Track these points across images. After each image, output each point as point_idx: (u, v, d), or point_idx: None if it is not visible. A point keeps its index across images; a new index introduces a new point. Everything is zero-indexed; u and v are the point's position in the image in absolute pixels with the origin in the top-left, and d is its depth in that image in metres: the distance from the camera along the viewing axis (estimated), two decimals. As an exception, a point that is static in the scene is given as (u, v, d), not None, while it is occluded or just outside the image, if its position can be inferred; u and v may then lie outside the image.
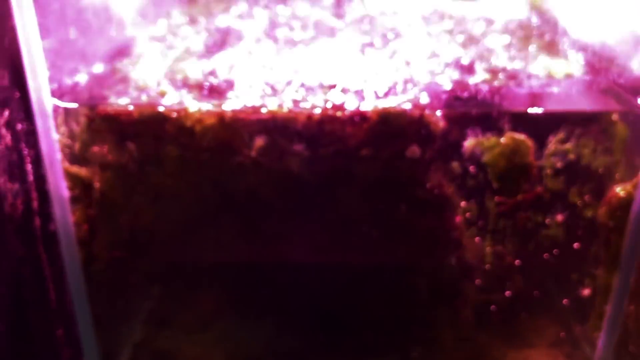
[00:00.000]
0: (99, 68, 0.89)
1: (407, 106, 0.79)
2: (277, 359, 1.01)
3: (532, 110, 0.78)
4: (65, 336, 1.12)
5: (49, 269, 1.05)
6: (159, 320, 1.08)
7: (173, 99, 0.81)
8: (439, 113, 0.79)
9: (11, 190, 0.92)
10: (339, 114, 0.79)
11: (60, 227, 0.86)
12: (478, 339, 1.00)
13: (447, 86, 0.81)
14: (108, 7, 0.95)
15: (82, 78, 0.86)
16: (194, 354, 1.03)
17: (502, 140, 0.80)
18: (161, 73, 0.88)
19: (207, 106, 0.79)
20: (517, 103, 0.79)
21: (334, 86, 0.82)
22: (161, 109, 0.79)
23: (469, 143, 0.80)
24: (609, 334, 0.92)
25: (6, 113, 0.92)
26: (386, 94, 0.81)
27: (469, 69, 0.85)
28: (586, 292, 0.91)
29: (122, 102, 0.81)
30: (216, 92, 0.84)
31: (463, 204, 0.84)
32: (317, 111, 0.79)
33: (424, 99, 0.80)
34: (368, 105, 0.79)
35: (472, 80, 0.86)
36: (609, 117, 0.84)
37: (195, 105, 0.80)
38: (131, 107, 0.80)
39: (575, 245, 0.87)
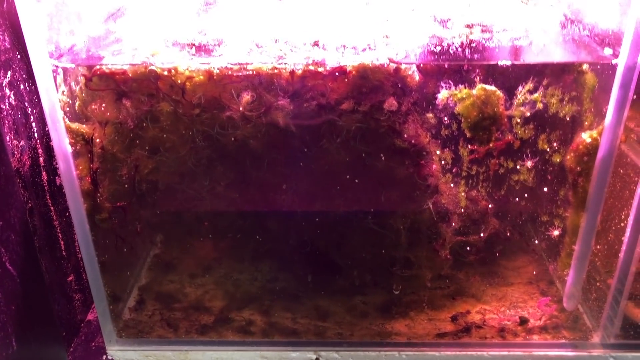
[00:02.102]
0: (94, 30, 0.94)
1: (384, 61, 0.83)
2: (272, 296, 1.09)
3: (502, 62, 0.83)
4: (75, 282, 1.21)
5: (57, 220, 1.12)
6: (161, 265, 1.16)
7: (164, 58, 0.86)
8: (414, 67, 0.84)
9: (18, 146, 0.98)
10: (320, 69, 0.84)
11: (66, 180, 0.93)
12: (457, 277, 1.07)
13: (423, 41, 0.86)
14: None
15: (78, 39, 0.91)
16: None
17: (474, 92, 0.85)
18: (153, 33, 0.93)
19: (195, 64, 0.85)
20: (489, 56, 0.84)
21: (316, 43, 0.87)
22: (153, 67, 0.84)
23: (442, 95, 0.85)
24: (577, 272, 0.99)
25: (9, 74, 0.98)
26: (364, 50, 0.86)
27: (445, 24, 0.89)
28: (556, 232, 0.98)
29: (117, 61, 0.86)
30: (205, 50, 0.89)
31: (438, 152, 0.90)
32: (300, 67, 0.84)
33: (401, 54, 0.85)
34: (348, 61, 0.84)
35: (449, 34, 0.90)
36: (579, 67, 0.89)
37: (185, 63, 0.85)
38: (126, 67, 0.85)
39: (545, 188, 0.93)
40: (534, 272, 1.13)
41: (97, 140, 0.91)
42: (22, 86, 0.99)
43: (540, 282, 1.14)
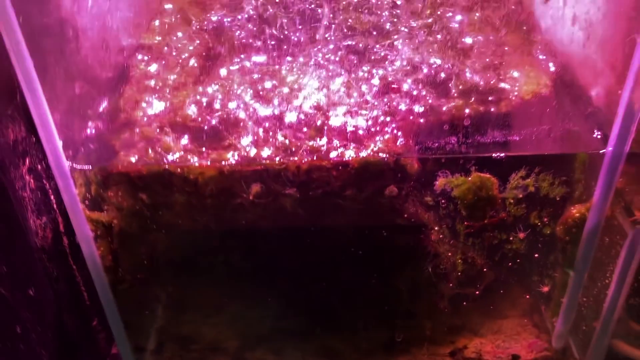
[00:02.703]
0: (105, 121, 0.98)
1: (385, 154, 0.88)
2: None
3: (496, 154, 0.88)
4: (99, 324, 1.29)
5: (79, 275, 1.19)
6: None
7: (176, 152, 0.91)
8: (412, 159, 0.89)
9: (40, 225, 1.04)
10: (324, 163, 0.89)
11: (88, 259, 0.99)
12: (455, 323, 1.16)
13: (421, 134, 0.91)
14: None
15: (91, 136, 0.95)
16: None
17: (470, 178, 0.90)
18: (163, 120, 0.97)
19: (207, 161, 0.89)
20: (483, 150, 0.88)
21: (321, 135, 0.91)
22: (167, 167, 0.89)
23: (440, 182, 0.91)
24: (565, 320, 1.08)
25: (27, 160, 1.02)
26: (366, 138, 0.91)
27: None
28: (546, 288, 1.05)
29: (131, 160, 0.91)
30: (213, 137, 0.94)
31: (437, 227, 0.96)
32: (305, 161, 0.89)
33: (400, 143, 0.90)
34: (351, 153, 0.89)
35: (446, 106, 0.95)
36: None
37: (196, 161, 0.90)
38: (140, 163, 0.90)
39: (537, 254, 1.00)
40: (524, 320, 1.21)
41: (115, 223, 0.97)
42: (39, 166, 1.03)
43: (532, 328, 1.22)
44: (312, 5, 1.32)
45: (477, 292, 1.05)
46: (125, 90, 1.07)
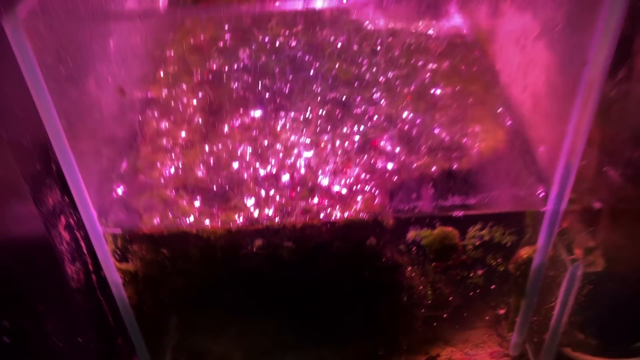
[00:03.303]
0: (127, 183, 1.15)
1: (366, 213, 1.07)
2: None
3: (456, 213, 1.07)
4: (123, 342, 1.48)
5: (106, 304, 1.38)
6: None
7: (191, 215, 1.09)
8: (388, 216, 1.08)
9: (75, 271, 1.21)
10: (315, 222, 1.07)
11: (118, 300, 1.18)
12: (429, 337, 1.36)
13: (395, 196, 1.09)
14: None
15: (117, 199, 1.13)
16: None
17: (435, 231, 1.09)
18: (177, 182, 1.14)
19: (218, 223, 1.08)
20: (445, 210, 1.07)
21: (313, 197, 1.09)
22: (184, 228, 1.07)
23: (410, 234, 1.09)
24: (519, 334, 1.29)
25: (62, 218, 1.19)
26: (349, 197, 1.09)
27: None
28: (502, 311, 1.26)
29: (155, 223, 1.08)
30: (221, 197, 1.12)
31: (410, 267, 1.15)
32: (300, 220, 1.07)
33: (377, 202, 1.08)
34: (336, 213, 1.07)
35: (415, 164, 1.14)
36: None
37: (208, 221, 1.08)
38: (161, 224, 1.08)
39: (494, 285, 1.20)
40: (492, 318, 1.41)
41: (140, 271, 1.15)
42: (71, 220, 1.20)
43: (497, 326, 1.42)
44: (300, 53, 1.49)
45: (445, 315, 1.25)
46: (141, 149, 1.24)
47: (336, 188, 1.12)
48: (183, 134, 1.27)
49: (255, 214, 1.09)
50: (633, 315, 1.28)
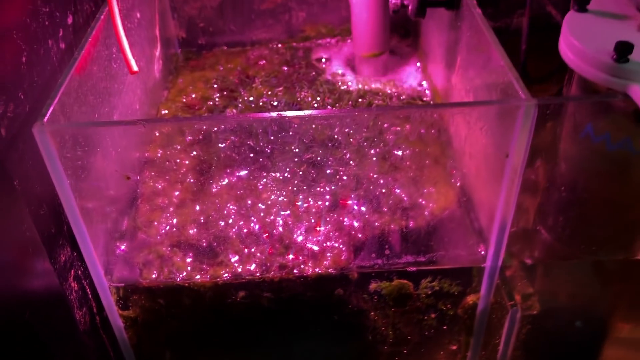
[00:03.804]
0: (129, 241, 1.33)
1: (333, 269, 1.26)
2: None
3: (410, 269, 1.26)
4: (121, 374, 1.66)
5: (106, 336, 1.55)
6: None
7: (184, 272, 1.27)
8: (353, 271, 1.27)
9: (83, 315, 1.38)
10: (291, 276, 1.26)
11: (120, 340, 1.36)
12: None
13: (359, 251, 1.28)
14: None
15: (120, 255, 1.31)
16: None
17: (393, 283, 1.28)
18: (172, 239, 1.33)
19: (206, 277, 1.26)
20: (401, 265, 1.27)
21: (288, 253, 1.28)
22: (179, 282, 1.26)
23: (372, 286, 1.29)
24: (471, 367, 1.48)
25: (72, 271, 1.36)
26: (320, 254, 1.28)
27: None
28: (454, 347, 1.45)
29: (152, 277, 1.27)
30: (210, 253, 1.30)
31: (372, 312, 1.34)
32: (277, 274, 1.26)
33: (344, 258, 1.27)
34: (308, 268, 1.26)
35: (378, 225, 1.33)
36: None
37: (198, 277, 1.26)
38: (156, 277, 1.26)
39: (446, 327, 1.40)
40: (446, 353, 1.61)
41: (139, 316, 1.33)
42: (79, 271, 1.38)
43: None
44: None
45: (405, 351, 1.44)
46: (139, 208, 1.42)
47: (309, 245, 1.31)
48: (176, 192, 1.45)
49: (239, 269, 1.27)
50: (566, 348, 1.49)
